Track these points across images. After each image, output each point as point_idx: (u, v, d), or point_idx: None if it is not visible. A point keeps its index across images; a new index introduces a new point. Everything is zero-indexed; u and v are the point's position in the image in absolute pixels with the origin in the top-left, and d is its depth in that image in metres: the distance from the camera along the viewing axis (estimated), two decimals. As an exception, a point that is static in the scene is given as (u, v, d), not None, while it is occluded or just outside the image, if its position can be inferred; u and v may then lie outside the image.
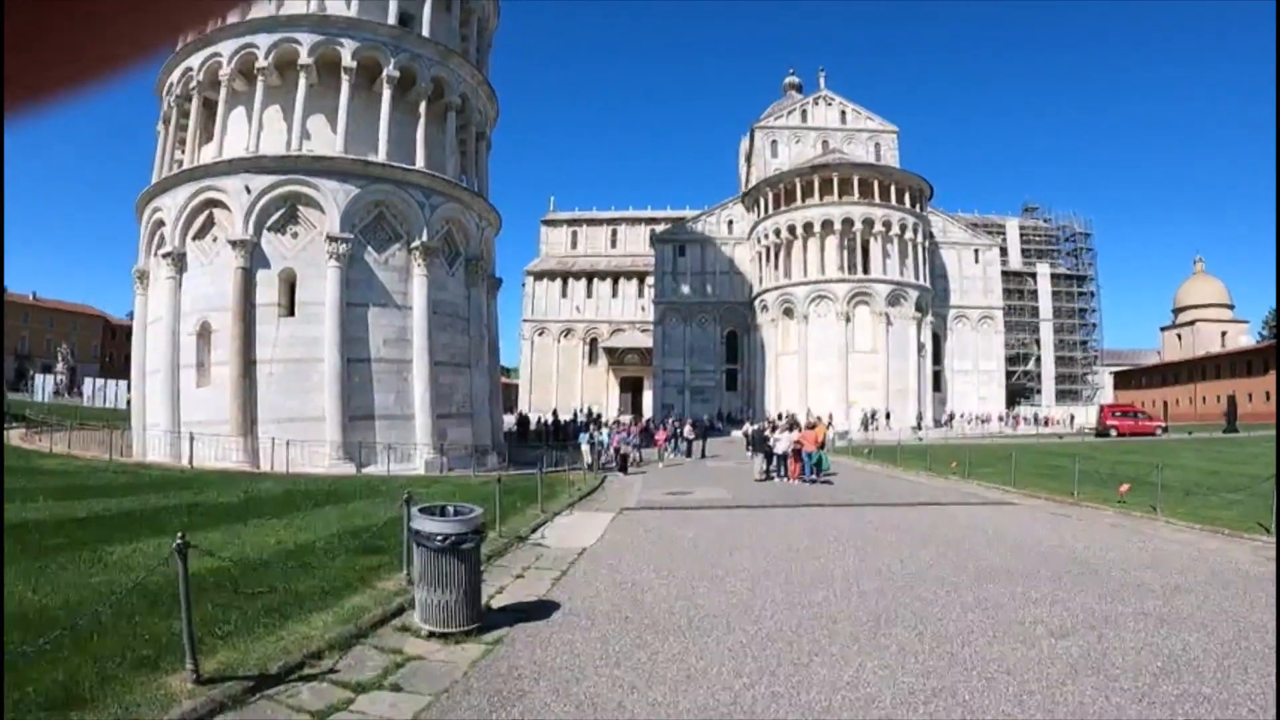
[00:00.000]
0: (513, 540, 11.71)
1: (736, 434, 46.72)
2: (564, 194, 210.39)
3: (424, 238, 26.17)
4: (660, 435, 34.04)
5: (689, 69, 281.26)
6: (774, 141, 68.91)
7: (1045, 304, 77.75)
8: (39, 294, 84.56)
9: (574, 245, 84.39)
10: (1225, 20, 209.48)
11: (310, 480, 19.90)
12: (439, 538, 6.60)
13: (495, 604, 7.97)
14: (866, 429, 49.46)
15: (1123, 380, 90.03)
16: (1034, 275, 77.74)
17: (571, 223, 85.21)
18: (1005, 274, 70.78)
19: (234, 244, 24.72)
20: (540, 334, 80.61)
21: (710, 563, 10.21)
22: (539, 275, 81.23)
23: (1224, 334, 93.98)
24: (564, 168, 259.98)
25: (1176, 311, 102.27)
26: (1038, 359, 77.35)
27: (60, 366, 65.71)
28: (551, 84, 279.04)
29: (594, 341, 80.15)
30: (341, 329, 24.31)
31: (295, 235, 25.25)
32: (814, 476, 21.89)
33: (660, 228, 72.90)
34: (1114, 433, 48.72)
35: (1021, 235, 79.50)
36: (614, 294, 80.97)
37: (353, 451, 23.96)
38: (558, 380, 78.86)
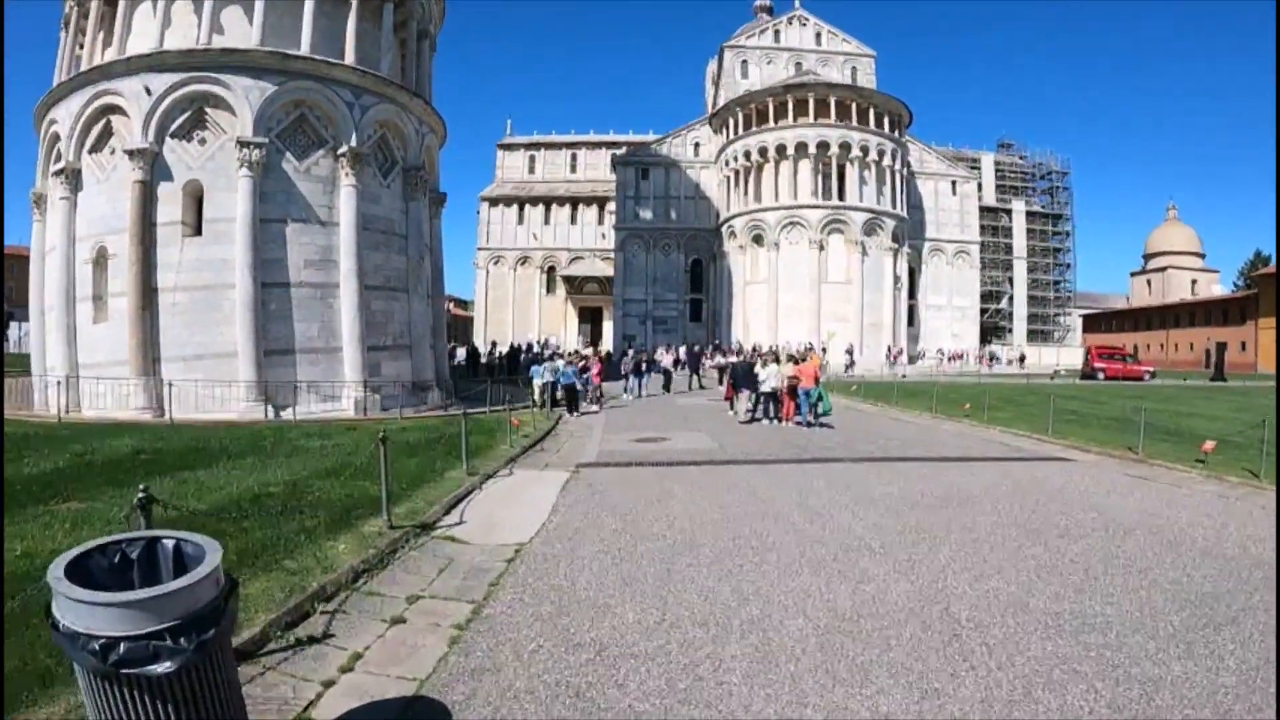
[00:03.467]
0: (409, 534, 8.07)
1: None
2: (521, 117, 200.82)
3: (352, 143, 22.72)
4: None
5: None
6: (744, 62, 65.45)
7: (1020, 242, 76.08)
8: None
9: (532, 170, 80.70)
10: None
11: (198, 431, 16.34)
12: (96, 648, 2.88)
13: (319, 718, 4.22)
14: (851, 363, 47.51)
15: (1092, 323, 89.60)
16: (1009, 212, 75.79)
17: (529, 147, 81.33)
18: (980, 209, 68.62)
19: (131, 154, 21.10)
20: (496, 263, 77.32)
21: (731, 583, 6.51)
22: (494, 201, 77.56)
23: (1194, 282, 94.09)
24: (522, 89, 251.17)
25: (1147, 258, 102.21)
26: (1010, 298, 75.93)
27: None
28: (511, 1, 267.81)
29: (551, 270, 77.13)
30: (254, 249, 20.93)
31: (203, 142, 21.66)
32: (810, 419, 19.15)
33: (623, 152, 69.24)
34: (1101, 375, 46.99)
35: (997, 171, 77.27)
36: (573, 221, 77.66)
37: (270, 392, 20.84)
38: (514, 311, 76.12)
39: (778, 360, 21.28)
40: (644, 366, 31.44)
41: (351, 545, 7.44)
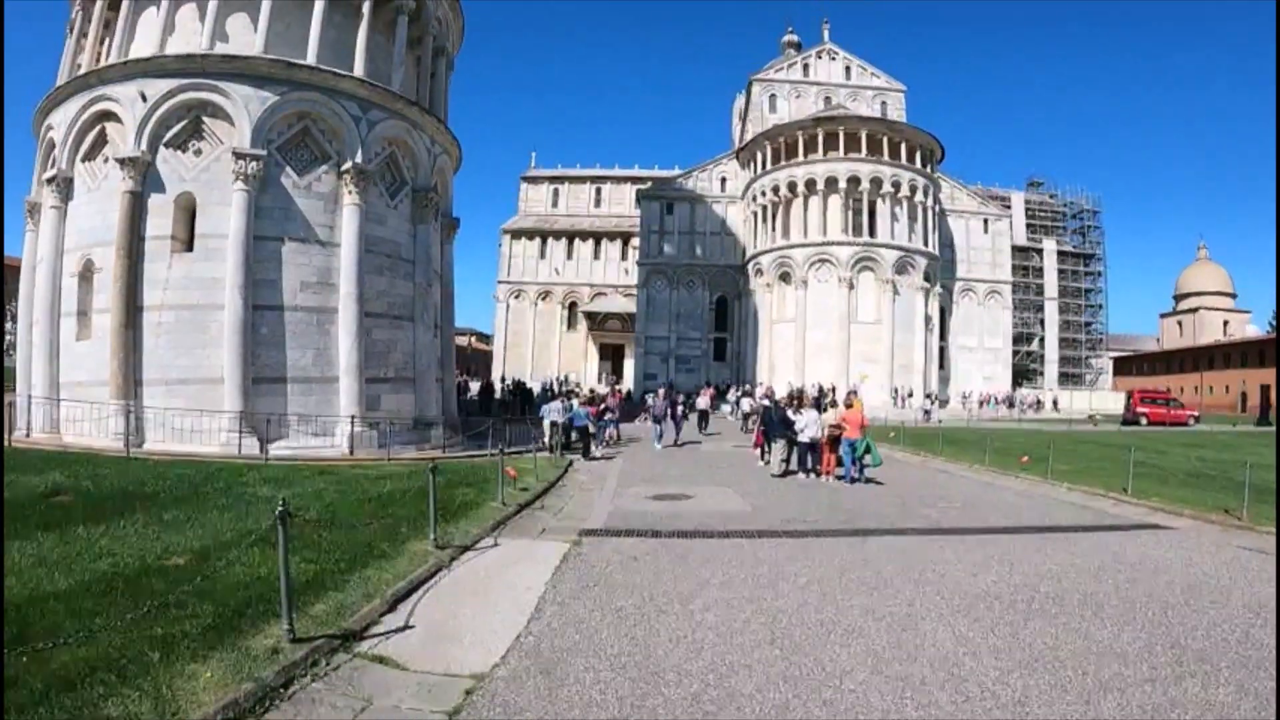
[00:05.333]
0: (319, 652, 5.68)
1: (725, 408, 42.49)
2: (546, 150, 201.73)
3: (357, 159, 21.27)
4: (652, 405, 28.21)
5: (682, 23, 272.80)
6: (773, 96, 64.21)
7: (1051, 282, 74.05)
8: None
9: (555, 204, 79.52)
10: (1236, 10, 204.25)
11: (150, 468, 14.41)
12: None
13: None
14: (898, 405, 45.65)
15: (1123, 366, 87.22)
16: (1039, 251, 73.83)
17: (553, 180, 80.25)
18: (1011, 249, 66.61)
19: (122, 162, 19.81)
20: (517, 297, 75.92)
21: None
22: (516, 234, 76.41)
23: (1225, 323, 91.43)
24: (546, 122, 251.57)
25: (1178, 298, 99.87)
26: (1041, 339, 73.61)
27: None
28: (535, 33, 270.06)
29: (573, 305, 75.60)
30: (246, 268, 19.40)
31: (199, 153, 20.33)
32: (856, 473, 16.81)
33: (647, 186, 67.95)
34: (1144, 421, 44.71)
35: (1027, 210, 75.41)
36: (596, 256, 76.27)
37: (258, 424, 19.12)
38: (534, 346, 74.59)
39: (817, 405, 19.10)
40: (680, 409, 27.66)
41: (222, 674, 5.09)
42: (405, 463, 18.28)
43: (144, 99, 20.09)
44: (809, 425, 17.42)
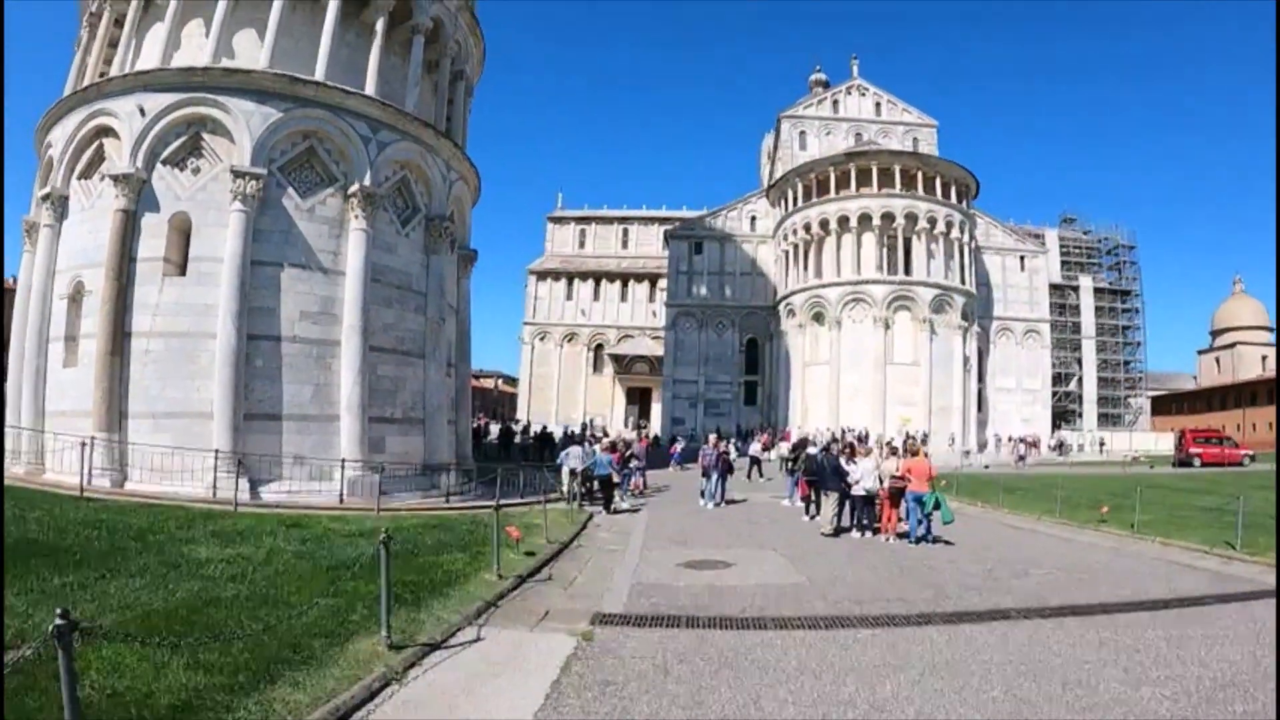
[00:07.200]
0: None
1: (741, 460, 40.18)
2: (573, 191, 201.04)
3: (365, 181, 19.83)
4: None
5: (709, 62, 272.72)
6: (802, 133, 62.90)
7: (1088, 320, 71.34)
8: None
9: (582, 244, 78.49)
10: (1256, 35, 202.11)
11: (88, 513, 12.30)
12: None
13: None
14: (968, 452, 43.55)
15: (1161, 405, 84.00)
16: (1075, 289, 71.24)
17: (580, 220, 79.29)
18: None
19: (116, 179, 18.55)
20: (542, 338, 74.58)
21: None
22: (542, 275, 75.29)
23: (1264, 358, 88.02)
24: (573, 162, 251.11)
25: (1214, 334, 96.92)
26: (1079, 379, 70.86)
27: None
28: (561, 74, 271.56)
29: (599, 348, 74.06)
30: (241, 294, 17.88)
31: (197, 171, 19.03)
32: (923, 531, 14.48)
33: (675, 226, 66.61)
34: (1197, 462, 42.13)
35: (1061, 247, 73.11)
36: (623, 297, 74.94)
37: (249, 464, 17.41)
38: (559, 389, 73.05)
39: (850, 450, 16.91)
40: (730, 459, 23.90)
41: None
42: (405, 512, 16.43)
43: (142, 113, 18.94)
44: (865, 476, 15.32)
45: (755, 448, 33.84)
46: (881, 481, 15.17)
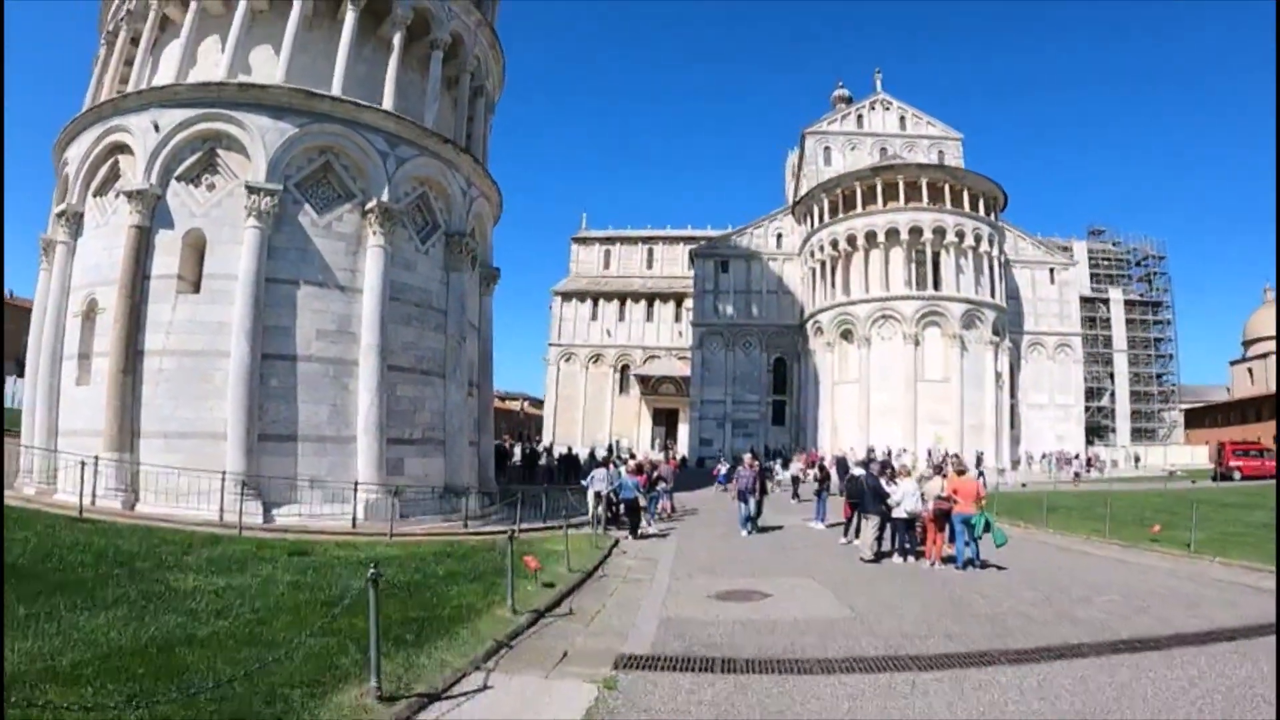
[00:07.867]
0: None
1: (783, 475, 39.02)
2: (597, 211, 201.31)
3: (383, 197, 19.38)
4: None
5: (732, 81, 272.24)
6: (827, 149, 62.31)
7: (1119, 333, 69.91)
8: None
9: (606, 265, 77.90)
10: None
11: (82, 534, 11.84)
12: None
13: None
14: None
15: (1194, 418, 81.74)
16: (1105, 301, 69.88)
17: (604, 241, 78.76)
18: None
19: (130, 196, 18.25)
20: (567, 360, 73.92)
21: None
22: (567, 296, 74.76)
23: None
24: (598, 184, 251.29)
25: (1246, 344, 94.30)
26: (1111, 394, 69.31)
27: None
28: (585, 95, 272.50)
29: (625, 369, 73.27)
30: (256, 312, 17.42)
31: (211, 188, 18.68)
32: (971, 554, 13.61)
33: (701, 245, 66.08)
34: (1238, 475, 40.82)
35: (1090, 259, 71.77)
36: (649, 318, 74.16)
37: (263, 487, 16.88)
38: (585, 410, 72.19)
39: (885, 469, 16.05)
40: (766, 482, 23.08)
41: None
42: (420, 538, 15.75)
43: (156, 129, 18.67)
44: (906, 497, 14.51)
45: (796, 467, 33.56)
46: (925, 502, 14.31)
